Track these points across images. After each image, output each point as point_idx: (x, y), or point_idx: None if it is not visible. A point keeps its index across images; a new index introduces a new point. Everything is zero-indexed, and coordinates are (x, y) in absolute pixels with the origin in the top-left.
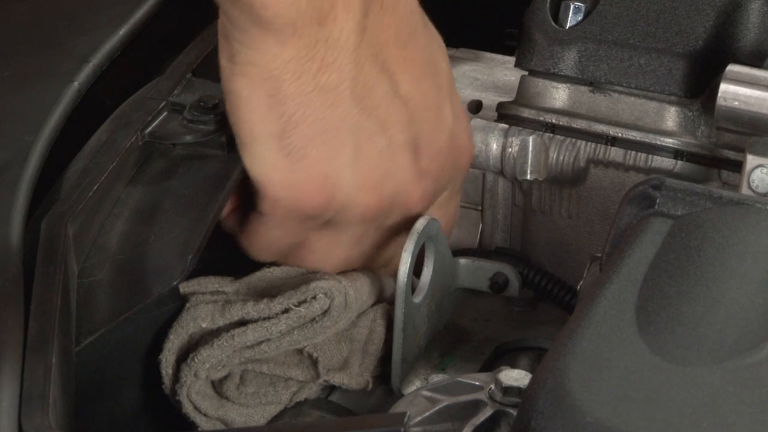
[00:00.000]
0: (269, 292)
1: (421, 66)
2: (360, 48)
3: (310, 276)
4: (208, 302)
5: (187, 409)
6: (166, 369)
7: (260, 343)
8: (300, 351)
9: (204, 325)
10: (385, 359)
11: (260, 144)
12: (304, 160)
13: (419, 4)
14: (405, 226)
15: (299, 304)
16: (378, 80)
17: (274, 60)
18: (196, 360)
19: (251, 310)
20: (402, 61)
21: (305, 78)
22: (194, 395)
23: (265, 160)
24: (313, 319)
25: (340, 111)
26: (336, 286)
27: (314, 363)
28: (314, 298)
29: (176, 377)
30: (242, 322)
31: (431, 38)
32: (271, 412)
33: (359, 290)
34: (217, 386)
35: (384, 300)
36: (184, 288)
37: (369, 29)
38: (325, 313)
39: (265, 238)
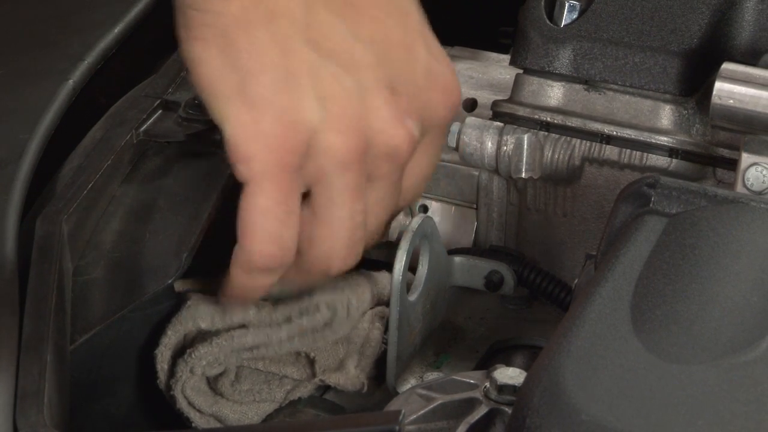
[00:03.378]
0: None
1: (382, 7)
2: None
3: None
4: (210, 303)
5: (182, 404)
6: (162, 364)
7: (259, 346)
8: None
9: (203, 326)
10: (380, 358)
11: (223, 101)
12: (269, 109)
13: None
14: (398, 173)
15: (301, 314)
16: (333, 24)
17: (222, 15)
18: (193, 356)
19: (252, 317)
20: (359, 3)
21: (255, 28)
22: (189, 391)
23: (231, 116)
24: (314, 329)
25: (298, 57)
26: (339, 298)
27: (311, 362)
28: (317, 309)
29: (171, 372)
30: (242, 327)
31: None
32: (265, 410)
33: (360, 297)
34: (212, 383)
35: (383, 302)
36: (179, 286)
37: None
38: (326, 324)
39: (257, 217)
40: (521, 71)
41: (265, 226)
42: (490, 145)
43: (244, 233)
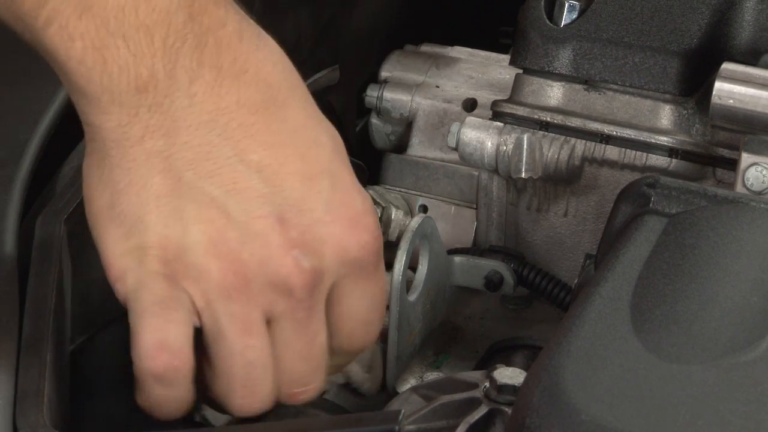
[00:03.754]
0: None
1: (281, 134)
2: (190, 113)
3: None
4: None
5: None
6: None
7: None
8: None
9: None
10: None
11: (96, 218)
12: (137, 226)
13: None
14: (302, 312)
15: None
16: (217, 145)
17: (101, 130)
18: None
19: None
20: (251, 127)
21: (129, 144)
22: None
23: (102, 236)
24: None
25: (172, 175)
26: None
27: None
28: None
29: None
30: None
31: (302, 110)
32: None
33: None
34: None
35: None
36: None
37: (201, 95)
38: None
39: (138, 324)
40: (521, 71)
41: (147, 329)
42: (489, 145)
43: (133, 343)
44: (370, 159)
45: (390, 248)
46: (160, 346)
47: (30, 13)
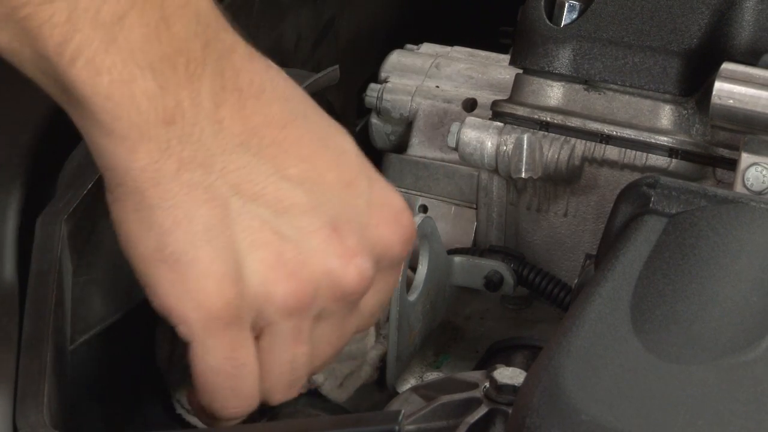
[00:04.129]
0: None
1: (312, 144)
2: (222, 138)
3: None
4: None
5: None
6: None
7: None
8: None
9: None
10: (380, 358)
11: (146, 265)
12: (192, 266)
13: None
14: (348, 310)
15: None
16: (256, 166)
17: (129, 171)
18: None
19: None
20: (283, 142)
21: (166, 181)
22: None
23: (156, 281)
24: None
25: (218, 204)
26: None
27: None
28: None
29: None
30: None
31: (321, 118)
32: None
33: None
34: None
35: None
36: None
37: (228, 119)
38: None
39: (209, 377)
40: (521, 71)
41: (218, 384)
42: (489, 144)
43: (202, 393)
44: (370, 159)
45: None
46: (231, 398)
47: (56, 49)
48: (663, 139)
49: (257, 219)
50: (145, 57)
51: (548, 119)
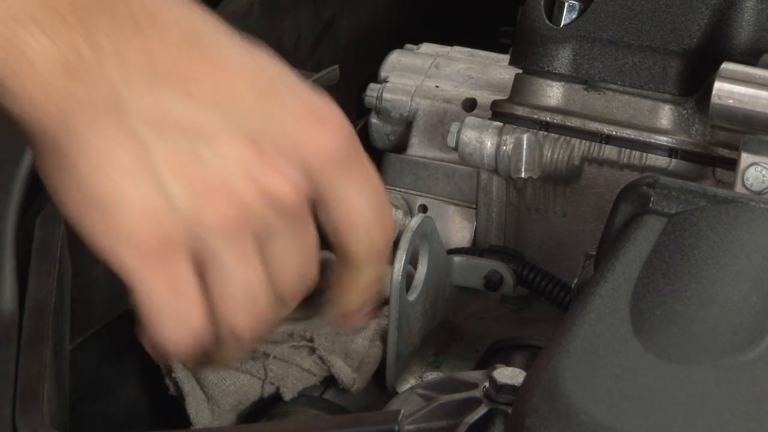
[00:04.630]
0: None
1: (222, 64)
2: (126, 73)
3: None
4: None
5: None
6: None
7: None
8: (291, 335)
9: None
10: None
11: (75, 213)
12: (118, 207)
13: None
14: (299, 223)
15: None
16: (166, 96)
17: (44, 126)
18: None
19: None
20: (190, 66)
21: (80, 131)
22: None
23: (88, 227)
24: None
25: (135, 143)
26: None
27: (310, 350)
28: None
29: None
30: None
31: (229, 38)
32: (243, 383)
33: None
34: None
35: (382, 302)
36: None
37: (130, 53)
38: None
39: (153, 314)
40: (521, 71)
41: (163, 321)
42: (489, 144)
43: (151, 330)
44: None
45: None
46: (180, 332)
47: None
48: (662, 139)
49: (176, 148)
50: (27, 12)
51: (548, 119)
